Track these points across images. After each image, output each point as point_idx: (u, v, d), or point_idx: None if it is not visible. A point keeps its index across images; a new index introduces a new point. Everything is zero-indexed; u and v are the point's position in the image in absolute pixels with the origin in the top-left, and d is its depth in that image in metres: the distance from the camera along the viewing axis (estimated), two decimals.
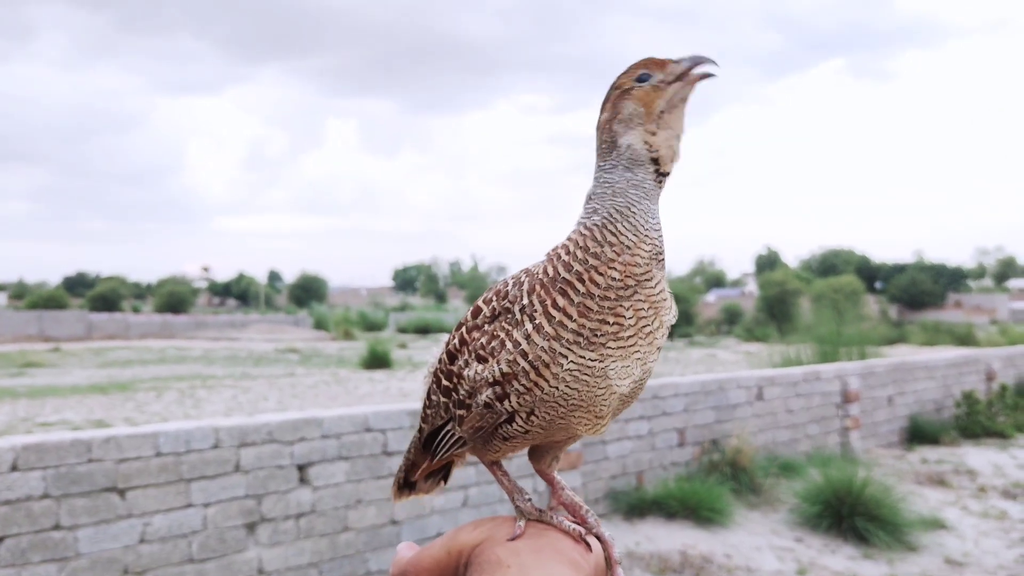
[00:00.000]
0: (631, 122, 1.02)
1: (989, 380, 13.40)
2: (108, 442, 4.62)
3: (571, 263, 0.98)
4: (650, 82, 1.02)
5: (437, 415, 1.14)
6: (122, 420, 12.66)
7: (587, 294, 0.96)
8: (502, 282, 1.07)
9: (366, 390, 16.94)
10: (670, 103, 1.01)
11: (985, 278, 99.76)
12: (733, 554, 6.68)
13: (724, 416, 8.71)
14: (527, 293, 1.00)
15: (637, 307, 0.98)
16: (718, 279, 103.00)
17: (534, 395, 0.98)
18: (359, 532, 5.60)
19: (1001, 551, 6.99)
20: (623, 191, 1.00)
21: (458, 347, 1.08)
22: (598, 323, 0.96)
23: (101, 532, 4.56)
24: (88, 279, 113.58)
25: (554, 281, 0.98)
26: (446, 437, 1.13)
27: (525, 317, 0.99)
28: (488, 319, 1.05)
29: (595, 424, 1.04)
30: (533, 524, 1.01)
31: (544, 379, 0.97)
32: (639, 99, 1.02)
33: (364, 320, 47.18)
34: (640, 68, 1.03)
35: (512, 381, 0.99)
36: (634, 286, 0.97)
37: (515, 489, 1.07)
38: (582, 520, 1.05)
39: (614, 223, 0.98)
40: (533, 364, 0.98)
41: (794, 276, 50.67)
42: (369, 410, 5.79)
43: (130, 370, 22.20)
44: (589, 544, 0.99)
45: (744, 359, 23.99)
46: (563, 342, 0.96)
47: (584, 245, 0.98)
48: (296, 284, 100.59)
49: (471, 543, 0.98)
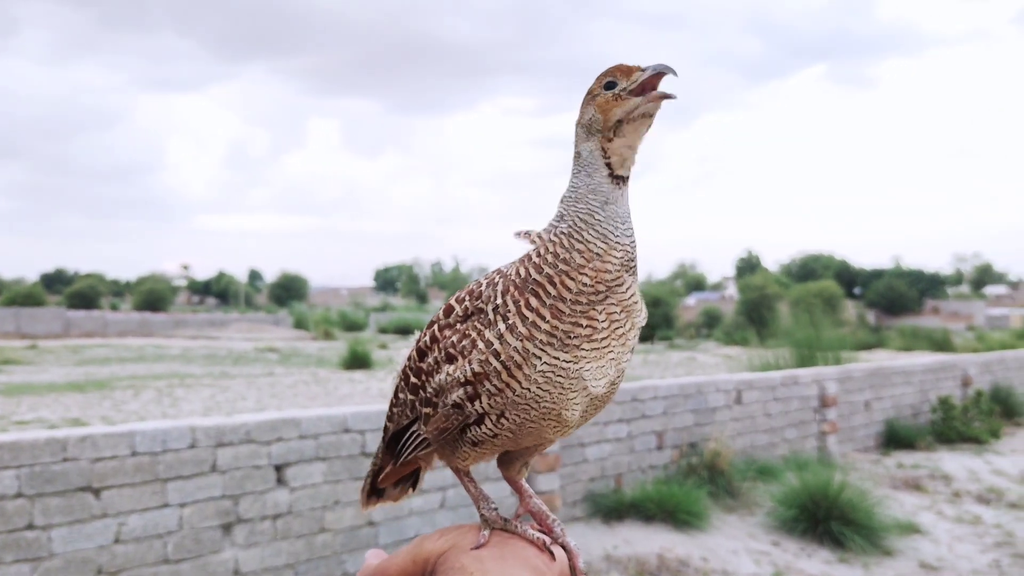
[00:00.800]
0: (591, 128, 1.03)
1: (965, 386, 13.52)
2: (83, 441, 4.58)
3: (541, 266, 0.99)
4: (615, 90, 1.02)
5: (403, 414, 1.13)
6: (99, 419, 12.55)
7: (559, 297, 0.97)
8: (475, 282, 1.07)
9: (346, 390, 16.89)
10: (628, 115, 1.02)
11: (962, 284, 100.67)
12: (710, 557, 6.70)
13: (703, 419, 8.75)
14: (501, 294, 1.01)
15: (610, 311, 0.98)
16: (698, 282, 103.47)
17: (505, 396, 0.98)
18: (336, 533, 5.58)
19: (975, 556, 7.06)
20: (584, 197, 1.01)
21: (428, 345, 1.08)
22: (571, 326, 0.97)
23: (75, 532, 4.52)
24: (66, 276, 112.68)
25: (526, 283, 0.99)
26: (411, 438, 1.12)
27: (498, 317, 0.99)
28: (460, 318, 1.05)
29: (564, 428, 1.03)
30: (498, 533, 1.01)
31: (516, 380, 0.97)
32: (599, 106, 1.03)
33: (344, 320, 47.11)
34: (608, 75, 1.03)
35: (484, 381, 0.99)
36: (605, 291, 0.98)
37: (481, 497, 1.07)
38: (548, 529, 1.05)
39: (580, 232, 0.98)
40: (505, 364, 0.98)
41: (774, 280, 50.96)
42: (348, 411, 5.77)
43: (108, 368, 22.02)
44: (553, 553, 0.99)
45: (723, 362, 24.10)
46: (536, 343, 0.97)
47: (554, 251, 0.99)
48: (276, 283, 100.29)
49: (436, 551, 0.98)
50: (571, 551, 1.03)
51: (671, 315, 41.36)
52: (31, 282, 79.39)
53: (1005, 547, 7.25)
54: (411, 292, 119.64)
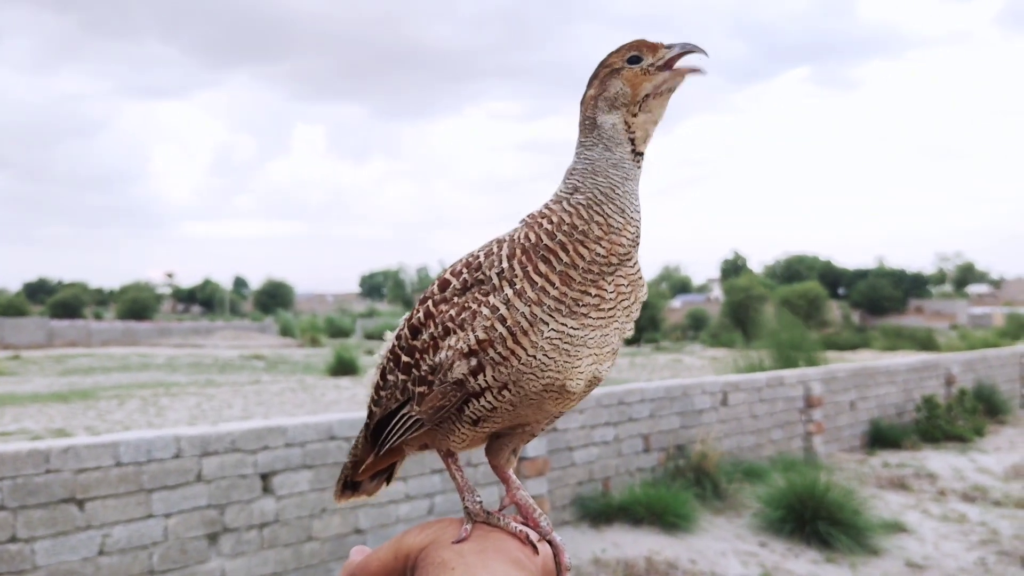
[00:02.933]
0: (615, 101, 1.03)
1: (949, 384, 13.62)
2: (66, 452, 4.54)
3: (555, 232, 0.98)
4: (640, 65, 1.03)
5: (392, 397, 1.11)
6: (83, 429, 12.46)
7: (571, 264, 0.97)
8: (470, 254, 1.05)
9: (332, 397, 16.83)
10: (656, 89, 1.02)
11: (945, 284, 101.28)
12: (698, 559, 6.71)
13: (689, 422, 8.77)
14: (507, 258, 1.00)
15: (618, 283, 0.99)
16: (684, 285, 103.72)
17: (510, 365, 0.97)
18: (323, 542, 5.56)
19: (961, 554, 7.10)
20: (603, 171, 1.01)
21: (423, 321, 1.06)
22: (580, 293, 0.97)
23: (59, 544, 4.49)
24: (49, 285, 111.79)
25: (536, 248, 0.98)
26: (401, 420, 1.10)
27: (504, 282, 0.98)
28: (458, 291, 1.03)
29: (565, 402, 1.02)
30: (480, 526, 1.00)
31: (522, 347, 0.97)
32: (627, 80, 1.03)
33: (331, 326, 46.96)
34: (632, 49, 1.04)
35: (488, 349, 0.97)
36: (617, 264, 0.98)
37: (467, 488, 1.05)
38: (534, 523, 1.04)
39: (600, 204, 0.99)
40: (511, 330, 0.97)
41: (758, 282, 51.13)
42: (334, 418, 5.76)
43: (92, 378, 21.87)
44: (535, 546, 0.98)
45: (709, 364, 24.16)
46: (545, 308, 0.96)
47: (571, 222, 0.98)
48: (262, 290, 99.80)
49: (418, 546, 0.98)
50: (557, 545, 1.02)
51: (657, 317, 41.50)
52: (13, 292, 78.78)
53: (990, 545, 7.29)
54: (397, 297, 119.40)
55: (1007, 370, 15.72)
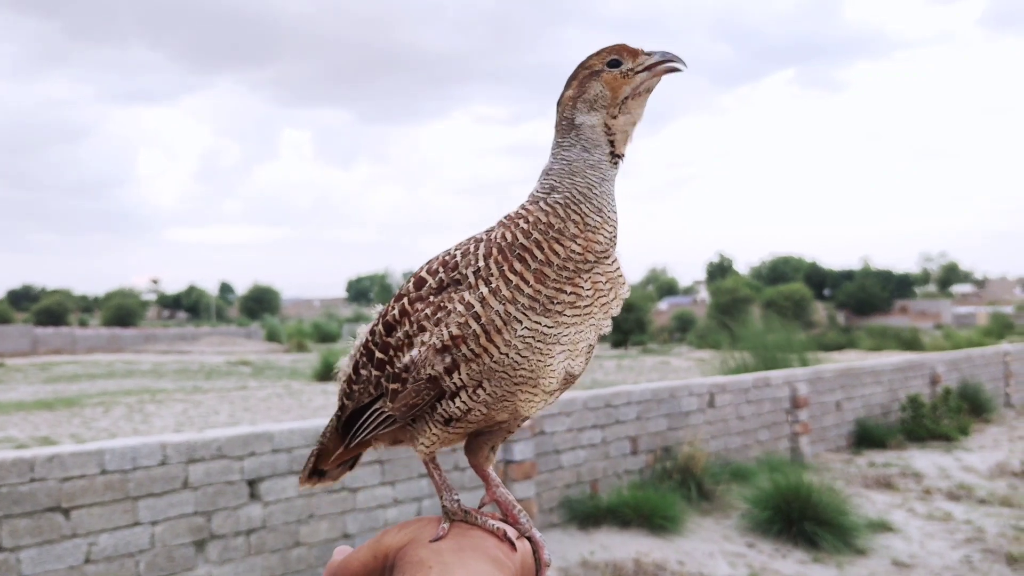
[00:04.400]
0: (595, 104, 1.04)
1: (934, 384, 13.70)
2: (51, 460, 4.52)
3: (531, 231, 0.99)
4: (620, 68, 1.04)
5: (365, 391, 1.11)
6: (68, 437, 12.38)
7: (545, 262, 0.97)
8: (448, 253, 1.05)
9: (320, 402, 16.78)
10: (635, 91, 1.04)
11: (929, 284, 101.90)
12: (686, 561, 6.73)
13: (676, 423, 8.79)
14: (483, 256, 1.00)
15: (596, 280, 0.99)
16: (670, 287, 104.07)
17: (482, 362, 0.98)
18: (311, 547, 5.55)
19: (946, 552, 7.14)
20: (581, 171, 1.01)
21: (397, 318, 1.06)
22: (555, 291, 0.97)
23: (45, 553, 4.46)
24: (33, 292, 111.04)
25: (512, 247, 0.99)
26: (373, 415, 1.10)
27: (480, 280, 0.99)
28: (434, 290, 1.03)
29: (537, 401, 1.03)
30: (458, 524, 1.01)
31: (495, 344, 0.97)
32: (607, 83, 1.04)
33: (317, 331, 46.70)
34: (613, 53, 1.04)
35: (461, 345, 0.98)
36: (594, 262, 0.99)
37: (445, 487, 1.06)
38: (514, 520, 1.05)
39: (578, 204, 0.99)
40: (485, 328, 0.97)
41: (745, 283, 51.31)
42: (321, 423, 5.74)
43: (77, 385, 21.73)
44: (513, 543, 0.99)
45: (696, 366, 24.22)
46: (518, 306, 0.97)
47: (547, 221, 0.99)
48: (248, 296, 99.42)
49: (396, 545, 0.98)
50: (536, 542, 1.03)
51: (644, 320, 41.51)
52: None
53: (976, 543, 7.34)
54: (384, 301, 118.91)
55: (991, 369, 15.82)
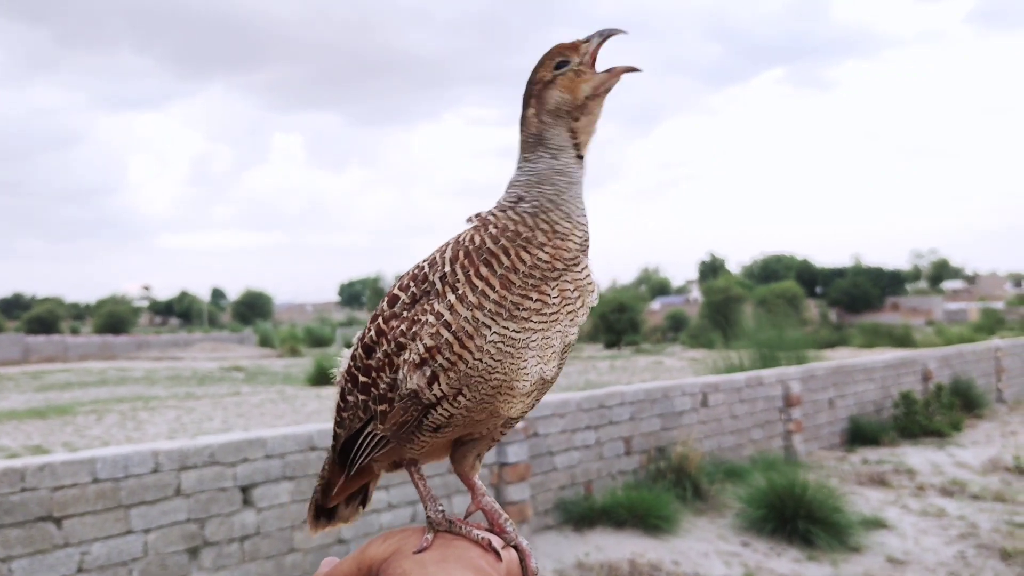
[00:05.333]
0: (558, 111, 1.03)
1: (926, 380, 13.74)
2: (42, 469, 4.50)
3: (499, 237, 0.98)
4: (569, 67, 1.02)
5: (355, 417, 1.11)
6: (61, 445, 12.33)
7: (511, 268, 0.97)
8: (417, 266, 1.05)
9: (313, 407, 16.74)
10: (595, 91, 1.02)
11: (920, 280, 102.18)
12: (681, 561, 6.74)
13: (670, 423, 8.80)
14: (450, 261, 1.00)
15: (563, 287, 0.99)
16: (663, 287, 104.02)
17: (458, 370, 0.97)
18: (306, 553, 5.54)
19: (941, 548, 7.16)
20: (549, 178, 1.00)
21: (375, 339, 1.05)
22: (520, 298, 0.97)
23: (36, 563, 4.44)
24: (24, 301, 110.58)
25: (479, 250, 0.98)
26: (367, 440, 1.10)
27: (447, 287, 0.99)
28: (407, 305, 1.03)
29: (520, 402, 1.02)
30: (442, 535, 1.00)
31: (468, 351, 0.97)
32: (564, 87, 1.02)
33: (310, 336, 46.66)
34: (555, 56, 1.03)
35: (436, 355, 0.98)
36: (562, 269, 0.98)
37: (429, 497, 1.05)
38: (500, 529, 1.04)
39: (547, 212, 0.99)
40: (456, 335, 0.97)
41: (736, 282, 51.40)
42: (314, 428, 5.73)
43: (69, 393, 21.64)
44: (498, 552, 0.98)
45: (689, 366, 24.25)
46: (485, 311, 0.96)
47: (515, 230, 0.98)
48: (240, 301, 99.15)
49: (380, 556, 0.98)
50: (523, 550, 1.02)
51: (637, 320, 41.51)
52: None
53: (970, 538, 7.36)
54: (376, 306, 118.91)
55: (983, 365, 15.88)
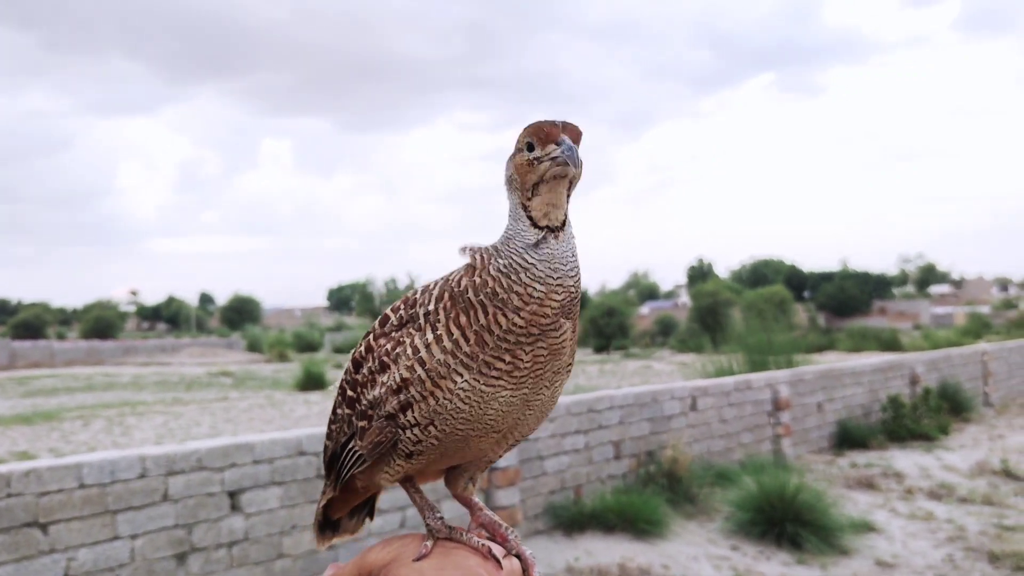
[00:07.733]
0: (511, 184, 1.03)
1: (913, 384, 13.80)
2: (28, 475, 4.46)
3: (479, 290, 0.97)
4: (532, 154, 1.00)
5: (341, 430, 1.11)
6: (47, 451, 12.25)
7: (486, 328, 0.96)
8: (412, 291, 1.06)
9: (302, 412, 16.69)
10: (542, 178, 1.00)
11: (907, 284, 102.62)
12: (671, 565, 6.73)
13: (659, 427, 8.80)
14: (435, 299, 1.00)
15: (537, 353, 0.97)
16: (652, 291, 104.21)
17: (429, 405, 0.98)
18: (295, 559, 5.51)
19: (929, 551, 7.19)
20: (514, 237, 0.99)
21: (363, 355, 1.07)
22: (492, 358, 0.96)
23: (22, 569, 4.40)
24: (10, 306, 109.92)
25: (463, 294, 0.98)
26: (348, 456, 1.09)
27: (428, 325, 0.99)
28: (396, 326, 1.04)
29: (499, 443, 1.03)
30: (441, 543, 1.00)
31: (440, 389, 0.97)
32: (516, 167, 1.02)
33: (299, 341, 46.48)
34: (530, 134, 1.01)
35: (410, 387, 0.98)
36: (538, 334, 0.97)
37: (426, 506, 1.05)
38: (502, 539, 1.03)
39: (517, 273, 0.97)
40: (429, 374, 0.97)
41: (725, 287, 51.51)
42: (302, 433, 5.71)
43: (56, 399, 21.50)
44: (498, 560, 0.98)
45: (678, 370, 24.28)
46: (458, 360, 0.97)
47: (492, 288, 0.97)
48: (228, 306, 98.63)
49: (379, 563, 0.97)
50: (527, 560, 1.02)
51: (626, 324, 41.56)
52: None
53: (958, 541, 7.39)
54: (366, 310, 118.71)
55: (970, 368, 15.96)
